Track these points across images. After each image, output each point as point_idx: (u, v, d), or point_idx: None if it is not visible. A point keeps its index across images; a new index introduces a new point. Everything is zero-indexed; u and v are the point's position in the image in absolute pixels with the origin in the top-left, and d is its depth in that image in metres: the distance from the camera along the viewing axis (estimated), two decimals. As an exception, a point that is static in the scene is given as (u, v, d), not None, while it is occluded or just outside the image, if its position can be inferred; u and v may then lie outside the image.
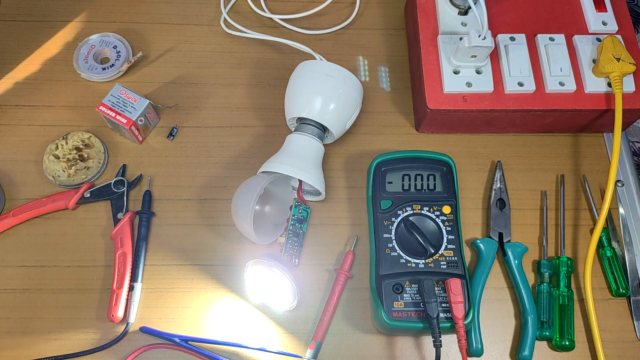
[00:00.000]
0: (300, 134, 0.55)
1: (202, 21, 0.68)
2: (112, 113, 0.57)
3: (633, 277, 0.56)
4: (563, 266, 0.55)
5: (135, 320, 0.53)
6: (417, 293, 0.50)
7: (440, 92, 0.57)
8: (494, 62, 0.58)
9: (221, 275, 0.55)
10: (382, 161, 0.56)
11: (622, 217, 0.59)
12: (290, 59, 0.66)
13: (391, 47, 0.67)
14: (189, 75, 0.64)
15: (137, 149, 0.60)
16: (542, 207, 0.59)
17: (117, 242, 0.55)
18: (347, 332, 0.53)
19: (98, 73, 0.63)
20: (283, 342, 0.53)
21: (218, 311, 0.54)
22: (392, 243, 0.53)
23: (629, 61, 0.56)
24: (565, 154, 0.62)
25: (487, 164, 0.61)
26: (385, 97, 0.64)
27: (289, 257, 0.54)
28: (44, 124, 0.61)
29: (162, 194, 0.58)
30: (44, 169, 0.58)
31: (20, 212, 0.55)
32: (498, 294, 0.55)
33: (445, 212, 0.54)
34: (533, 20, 0.61)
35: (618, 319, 0.55)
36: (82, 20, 0.67)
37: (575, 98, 0.57)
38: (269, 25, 0.68)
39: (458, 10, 0.60)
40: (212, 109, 0.63)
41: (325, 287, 0.55)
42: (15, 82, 0.63)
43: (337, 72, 0.55)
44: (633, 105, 0.57)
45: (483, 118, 0.58)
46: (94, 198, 0.57)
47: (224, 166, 0.60)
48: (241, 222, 0.51)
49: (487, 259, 0.55)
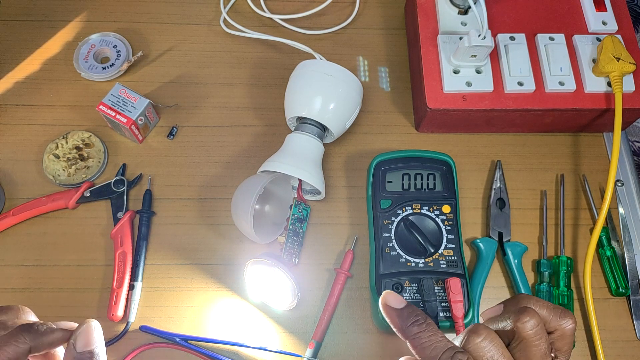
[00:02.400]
0: (300, 133, 0.55)
1: (202, 21, 0.68)
2: (112, 112, 0.57)
3: (633, 276, 0.56)
4: (563, 266, 0.55)
5: (135, 320, 0.53)
6: (416, 292, 0.50)
7: (440, 92, 0.57)
8: (494, 61, 0.58)
9: (221, 275, 0.55)
10: (381, 160, 0.56)
11: (622, 216, 0.59)
12: (290, 59, 0.66)
13: (391, 46, 0.67)
14: (189, 74, 0.65)
15: (137, 149, 0.60)
16: (542, 206, 0.59)
17: (117, 242, 0.55)
18: (346, 332, 0.54)
19: (98, 72, 0.63)
20: (283, 341, 0.53)
21: (218, 310, 0.54)
22: (391, 242, 0.53)
23: (629, 61, 0.56)
24: (565, 153, 0.62)
25: (487, 163, 0.61)
26: (385, 96, 0.64)
27: (289, 257, 0.54)
28: (44, 124, 0.61)
29: (162, 193, 0.59)
30: (44, 168, 0.58)
31: (20, 212, 0.55)
32: (498, 294, 0.55)
33: (445, 211, 0.54)
34: (533, 20, 0.61)
35: (618, 319, 0.55)
36: (82, 19, 0.67)
37: (575, 98, 0.57)
38: (269, 25, 0.68)
39: (458, 9, 0.60)
40: (212, 108, 0.63)
41: (325, 286, 0.55)
42: (15, 81, 0.63)
43: (337, 71, 0.55)
44: (633, 104, 0.57)
45: (483, 118, 0.59)
46: (94, 197, 0.57)
47: (224, 165, 0.60)
48: (241, 221, 0.51)
49: (487, 259, 0.55)
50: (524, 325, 0.34)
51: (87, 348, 0.31)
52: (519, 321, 0.34)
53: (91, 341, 0.32)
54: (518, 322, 0.34)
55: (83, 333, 0.32)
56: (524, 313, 0.34)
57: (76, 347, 0.31)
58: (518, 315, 0.34)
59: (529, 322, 0.34)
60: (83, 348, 0.31)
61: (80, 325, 0.32)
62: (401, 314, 0.36)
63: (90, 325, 0.32)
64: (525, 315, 0.34)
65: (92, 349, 0.31)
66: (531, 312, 0.34)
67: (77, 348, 0.31)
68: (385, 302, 0.37)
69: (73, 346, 0.31)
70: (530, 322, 0.34)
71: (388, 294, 0.37)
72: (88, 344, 0.32)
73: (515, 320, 0.34)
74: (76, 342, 0.31)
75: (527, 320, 0.34)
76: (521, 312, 0.34)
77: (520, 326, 0.34)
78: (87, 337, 0.32)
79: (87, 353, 0.31)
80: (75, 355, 0.31)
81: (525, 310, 0.34)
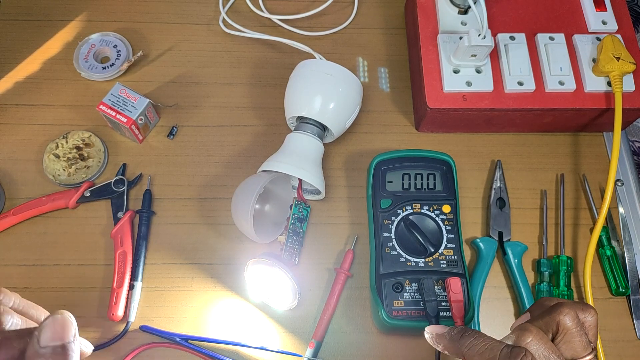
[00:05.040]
0: (300, 133, 0.55)
1: (201, 20, 0.68)
2: (112, 112, 0.57)
3: (633, 276, 0.56)
4: (563, 265, 0.55)
5: (135, 319, 0.53)
6: (417, 292, 0.50)
7: (440, 91, 0.57)
8: (494, 61, 0.58)
9: (221, 274, 0.55)
10: (382, 160, 0.56)
11: (622, 216, 0.59)
12: (289, 58, 0.66)
13: (391, 46, 0.67)
14: (189, 74, 0.65)
15: (137, 148, 0.60)
16: (542, 206, 0.59)
17: (117, 241, 0.55)
18: (347, 331, 0.54)
19: (98, 72, 0.63)
20: (283, 341, 0.53)
21: (218, 310, 0.54)
22: (392, 242, 0.53)
23: (629, 60, 0.56)
24: (565, 153, 0.62)
25: (487, 163, 0.61)
26: (385, 96, 0.64)
27: (289, 256, 0.54)
28: (44, 123, 0.61)
29: (162, 193, 0.59)
30: (44, 168, 0.58)
31: (20, 211, 0.55)
32: (498, 293, 0.55)
33: (445, 211, 0.54)
34: (533, 20, 0.61)
35: (618, 318, 0.55)
36: (82, 19, 0.67)
37: (575, 97, 0.57)
38: (268, 25, 0.68)
39: (458, 9, 0.60)
40: (212, 108, 0.63)
41: (325, 286, 0.55)
42: (15, 81, 0.63)
43: (336, 71, 0.55)
44: (633, 104, 0.57)
45: (483, 117, 0.59)
46: (94, 197, 0.57)
47: (224, 165, 0.60)
48: (241, 221, 0.51)
49: (487, 258, 0.55)
50: (565, 319, 0.35)
51: (54, 343, 0.28)
52: (561, 314, 0.35)
53: (64, 334, 0.28)
54: (560, 315, 0.35)
55: (52, 324, 0.28)
56: (562, 307, 0.36)
57: (40, 341, 0.28)
58: (557, 309, 0.36)
59: (569, 314, 0.35)
60: (48, 342, 0.28)
61: (47, 318, 0.28)
62: (450, 335, 0.38)
63: (64, 317, 0.29)
64: (564, 308, 0.36)
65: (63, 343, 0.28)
66: (567, 306, 0.36)
67: (42, 342, 0.28)
68: (432, 333, 0.40)
69: (37, 340, 0.28)
70: (570, 315, 0.35)
71: (431, 327, 0.40)
72: (58, 336, 0.28)
73: (558, 314, 0.35)
74: (40, 335, 0.28)
75: (567, 313, 0.35)
76: (557, 307, 0.36)
77: (562, 319, 0.35)
78: (59, 329, 0.28)
79: (53, 347, 0.28)
80: (38, 350, 0.27)
81: (562, 305, 0.36)
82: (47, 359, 0.27)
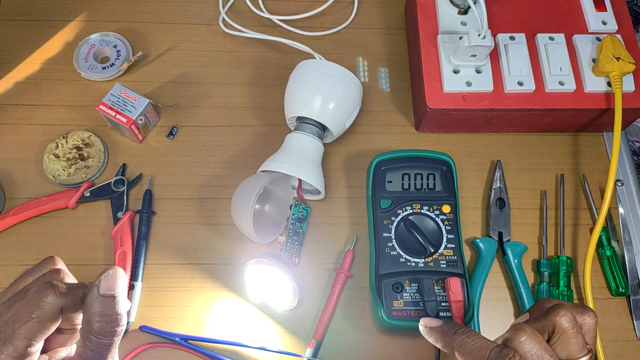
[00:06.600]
0: (299, 133, 0.55)
1: (201, 20, 0.68)
2: (112, 112, 0.57)
3: (632, 276, 0.56)
4: (563, 265, 0.55)
5: (135, 319, 0.53)
6: (416, 292, 0.50)
7: (440, 92, 0.57)
8: (494, 61, 0.58)
9: (221, 274, 0.55)
10: (381, 160, 0.56)
11: (622, 216, 0.59)
12: (289, 58, 0.66)
13: (391, 46, 0.67)
14: (189, 74, 0.65)
15: (137, 148, 0.60)
16: (542, 206, 0.59)
17: (117, 241, 0.55)
18: (346, 331, 0.54)
19: (98, 72, 0.63)
20: (283, 341, 0.53)
21: (218, 310, 0.54)
22: (391, 242, 0.53)
23: (629, 60, 0.56)
24: (565, 153, 0.62)
25: (486, 163, 0.61)
26: (385, 96, 0.64)
27: (289, 256, 0.54)
28: (44, 123, 0.61)
29: (162, 193, 0.59)
30: (44, 168, 0.58)
31: (20, 211, 0.55)
32: (498, 293, 0.55)
33: (444, 211, 0.54)
34: (533, 20, 0.61)
35: (617, 318, 0.55)
36: (82, 19, 0.67)
37: (575, 97, 0.57)
38: (268, 25, 0.68)
39: (458, 9, 0.60)
40: (212, 108, 0.63)
41: (325, 286, 0.55)
42: (15, 81, 0.63)
43: (336, 71, 0.55)
44: (633, 104, 0.57)
45: (483, 117, 0.59)
46: (94, 197, 0.57)
47: (224, 165, 0.60)
48: (241, 221, 0.51)
49: (487, 258, 0.55)
50: (561, 320, 0.36)
51: (110, 292, 0.31)
52: (557, 315, 0.36)
53: (114, 286, 0.31)
54: (557, 316, 0.36)
55: (108, 277, 0.32)
56: (559, 308, 0.36)
57: (100, 289, 0.31)
58: (554, 311, 0.36)
59: (566, 316, 0.36)
60: (106, 291, 0.31)
61: (104, 271, 0.32)
62: (442, 330, 0.39)
63: (117, 272, 0.32)
64: (561, 309, 0.36)
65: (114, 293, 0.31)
66: (565, 307, 0.36)
67: (101, 290, 0.31)
68: (426, 325, 0.41)
69: (97, 289, 0.31)
70: (566, 316, 0.36)
71: (426, 319, 0.41)
72: (111, 287, 0.31)
73: (554, 315, 0.36)
74: (100, 285, 0.31)
75: (563, 315, 0.36)
76: (555, 308, 0.36)
77: (558, 320, 0.36)
78: (111, 282, 0.31)
79: (109, 297, 0.31)
80: (98, 298, 0.31)
81: (559, 306, 0.36)
82: (100, 303, 0.31)
